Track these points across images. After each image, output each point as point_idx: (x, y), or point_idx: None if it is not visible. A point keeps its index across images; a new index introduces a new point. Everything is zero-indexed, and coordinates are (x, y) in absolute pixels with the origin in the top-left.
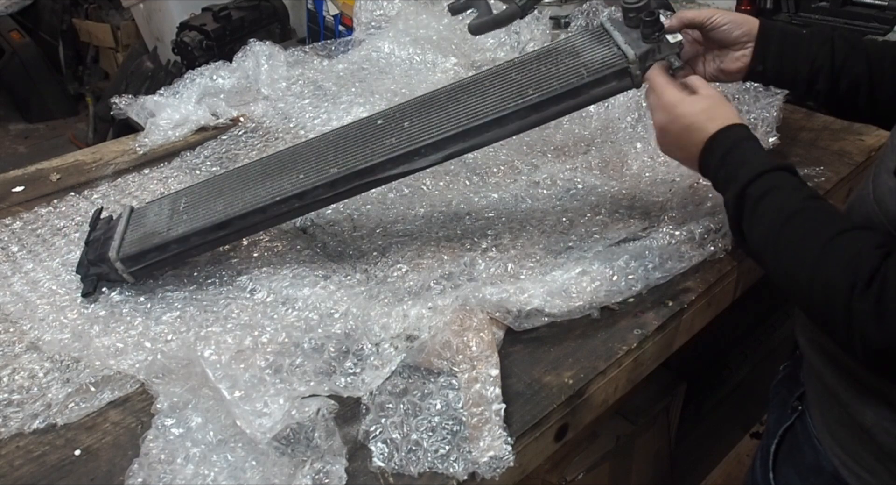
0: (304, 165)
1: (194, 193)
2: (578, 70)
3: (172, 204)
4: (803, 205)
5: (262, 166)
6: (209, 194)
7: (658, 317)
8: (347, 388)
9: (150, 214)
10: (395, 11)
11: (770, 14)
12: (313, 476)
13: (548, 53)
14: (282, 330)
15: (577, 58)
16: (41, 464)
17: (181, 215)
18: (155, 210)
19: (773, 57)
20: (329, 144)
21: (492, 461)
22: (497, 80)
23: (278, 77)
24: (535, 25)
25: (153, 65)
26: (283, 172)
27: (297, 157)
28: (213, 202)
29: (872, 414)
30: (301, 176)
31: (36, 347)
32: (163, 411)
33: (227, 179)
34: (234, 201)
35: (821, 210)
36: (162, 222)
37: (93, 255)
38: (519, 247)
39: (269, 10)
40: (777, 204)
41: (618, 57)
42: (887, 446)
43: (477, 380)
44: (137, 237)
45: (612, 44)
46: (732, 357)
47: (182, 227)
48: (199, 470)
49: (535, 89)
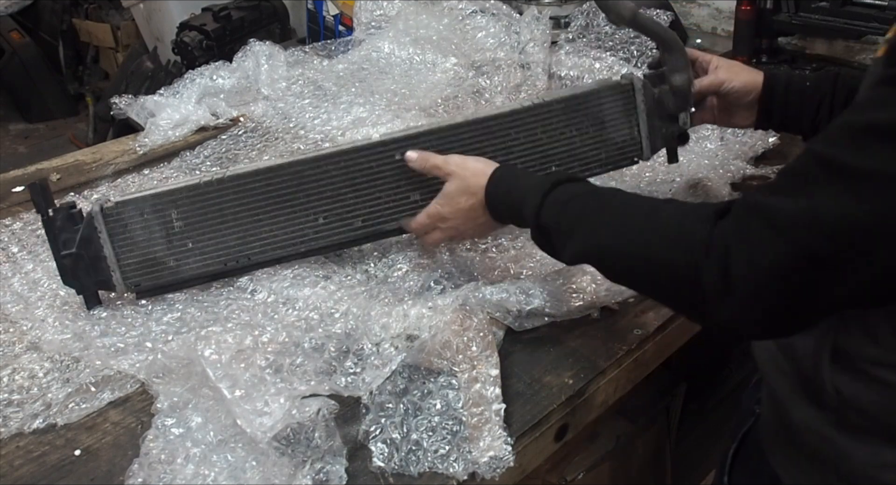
0: (321, 204)
1: (186, 206)
2: (598, 151)
3: (161, 216)
4: (601, 202)
5: (268, 190)
6: (209, 215)
7: (658, 317)
8: (348, 387)
9: (135, 226)
10: (395, 11)
11: (770, 14)
12: (313, 476)
13: (576, 108)
14: (282, 330)
15: (602, 130)
16: (41, 464)
17: (183, 241)
18: (138, 221)
19: (778, 113)
20: (347, 183)
21: (492, 461)
22: (521, 135)
23: (278, 77)
24: (536, 25)
25: (153, 65)
26: (299, 209)
27: (310, 189)
28: (221, 233)
29: (801, 412)
30: (321, 221)
31: (36, 347)
32: (163, 410)
33: (225, 194)
34: (247, 238)
35: (618, 198)
36: (157, 243)
37: (84, 270)
38: (518, 247)
39: (269, 10)
40: (577, 213)
41: (635, 149)
42: (815, 446)
43: (477, 380)
44: (138, 262)
45: (635, 126)
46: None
47: (192, 263)
48: (199, 470)
49: (557, 165)
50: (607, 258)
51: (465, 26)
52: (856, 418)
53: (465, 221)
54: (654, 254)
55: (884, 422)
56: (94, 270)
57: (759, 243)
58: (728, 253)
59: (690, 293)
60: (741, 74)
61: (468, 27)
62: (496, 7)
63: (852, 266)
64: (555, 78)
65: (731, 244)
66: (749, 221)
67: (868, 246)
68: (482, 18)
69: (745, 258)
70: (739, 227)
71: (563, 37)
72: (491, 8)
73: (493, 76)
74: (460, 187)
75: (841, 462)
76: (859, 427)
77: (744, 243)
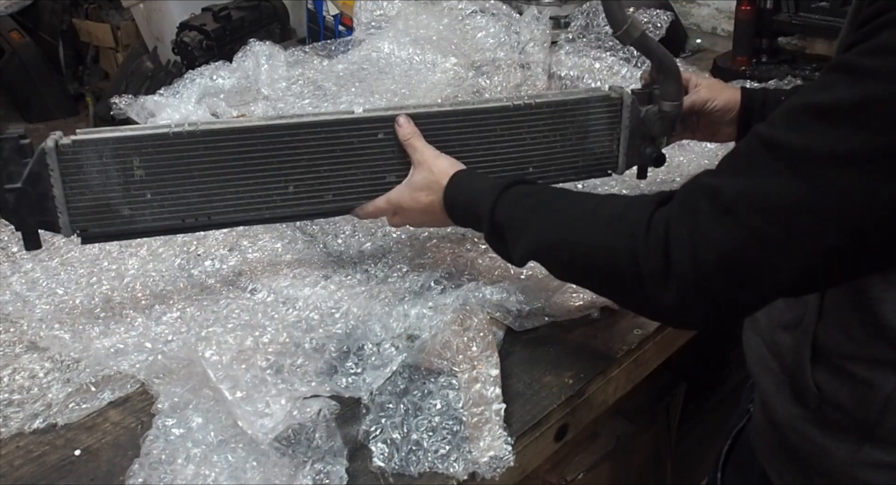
0: (293, 172)
1: (150, 155)
2: (576, 159)
3: (122, 162)
4: (549, 199)
5: (240, 151)
6: (174, 168)
7: None
8: (349, 388)
9: (91, 168)
10: (395, 11)
11: (770, 14)
12: (314, 477)
13: (563, 114)
14: (283, 330)
15: (584, 139)
16: (41, 464)
17: (142, 190)
18: (95, 164)
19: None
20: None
21: (492, 461)
22: (506, 132)
23: (278, 77)
24: (536, 25)
25: (153, 65)
26: (270, 174)
27: (285, 156)
28: (184, 188)
29: (784, 409)
30: (291, 189)
31: (36, 347)
32: (164, 411)
33: (195, 148)
34: (211, 196)
35: (567, 195)
36: (113, 189)
37: (28, 208)
38: None
39: (269, 10)
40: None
41: (611, 162)
42: (797, 443)
43: (477, 380)
44: (89, 207)
45: (615, 140)
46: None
47: (148, 215)
48: (199, 470)
49: (535, 167)
50: (553, 252)
51: (464, 26)
52: (834, 416)
53: (423, 214)
54: (595, 242)
55: (860, 418)
56: (39, 209)
57: (702, 222)
58: (668, 235)
59: (631, 279)
60: (723, 93)
61: (468, 27)
62: (496, 7)
63: (795, 246)
64: (555, 78)
65: (672, 226)
66: (693, 201)
67: (809, 226)
68: (482, 18)
69: (686, 238)
70: (682, 207)
71: (563, 37)
72: (491, 8)
73: (492, 76)
74: (423, 182)
75: (822, 460)
76: (838, 425)
77: (685, 224)
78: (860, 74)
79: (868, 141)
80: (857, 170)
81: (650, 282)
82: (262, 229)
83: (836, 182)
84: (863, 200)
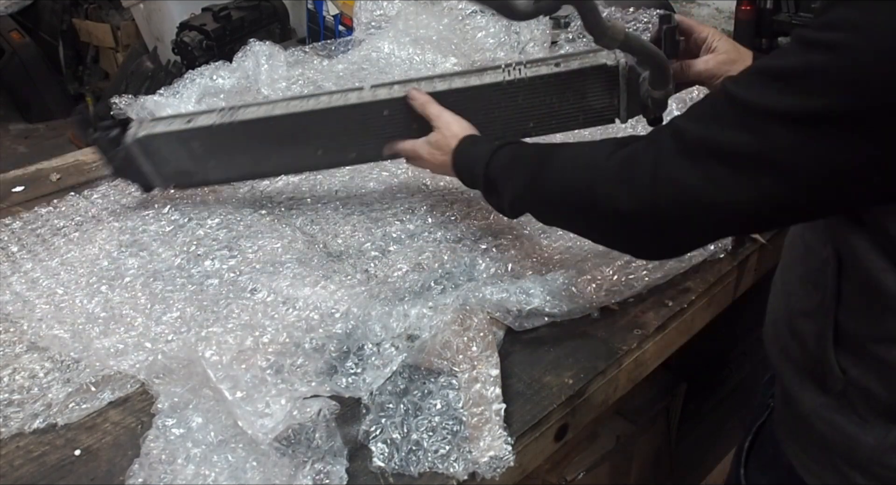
0: (319, 141)
1: (203, 140)
2: (577, 115)
3: (184, 145)
4: (537, 152)
5: (271, 132)
6: (223, 146)
7: (658, 317)
8: (349, 388)
9: (165, 150)
10: (395, 11)
11: (770, 14)
12: (314, 477)
13: (557, 81)
14: (283, 330)
15: (582, 99)
16: (41, 464)
17: (206, 160)
18: (166, 148)
19: None
20: (341, 129)
21: (492, 461)
22: (504, 100)
23: (278, 77)
24: (536, 25)
25: (153, 65)
26: (301, 144)
27: (310, 132)
28: (237, 155)
29: (809, 400)
30: (320, 153)
31: (36, 347)
32: (164, 411)
33: (236, 133)
34: (260, 160)
35: (551, 147)
36: (185, 161)
37: (132, 175)
38: (519, 247)
39: (269, 10)
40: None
41: (612, 112)
42: (824, 434)
43: (477, 380)
44: (173, 172)
45: (615, 97)
46: (732, 357)
47: (217, 173)
48: (199, 470)
49: (535, 123)
50: (534, 194)
51: (464, 26)
52: (861, 401)
53: (439, 167)
54: (566, 179)
55: (886, 402)
56: (138, 175)
57: (664, 157)
58: (632, 164)
59: (602, 212)
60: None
61: (468, 27)
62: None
63: (741, 190)
64: None
65: (639, 154)
66: (659, 137)
67: (754, 173)
68: (482, 18)
69: (648, 168)
70: (649, 142)
71: (563, 37)
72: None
73: None
74: (438, 142)
75: (851, 449)
76: (865, 410)
77: (650, 153)
78: (808, 44)
79: (808, 103)
80: (798, 128)
81: (612, 213)
82: (262, 229)
83: (780, 137)
84: (803, 156)
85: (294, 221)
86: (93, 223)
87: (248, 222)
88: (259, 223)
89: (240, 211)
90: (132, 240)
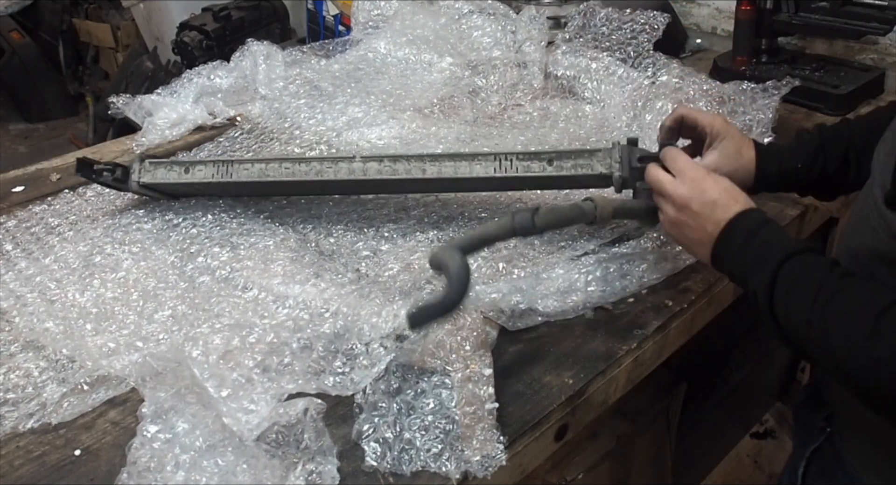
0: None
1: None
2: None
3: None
4: (842, 284)
5: (264, 189)
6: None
7: (658, 317)
8: (336, 386)
9: (166, 189)
10: (393, 11)
11: (770, 14)
12: (306, 477)
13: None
14: (270, 330)
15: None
16: (41, 464)
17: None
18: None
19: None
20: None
21: (484, 460)
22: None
23: (276, 77)
24: (533, 25)
25: (153, 65)
26: (289, 198)
27: (300, 190)
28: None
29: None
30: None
31: (31, 346)
32: (147, 416)
33: (229, 189)
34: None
35: (861, 287)
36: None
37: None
38: (511, 247)
39: (269, 10)
40: (815, 284)
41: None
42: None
43: (470, 379)
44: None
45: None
46: (732, 357)
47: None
48: (190, 476)
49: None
50: (826, 347)
51: (461, 26)
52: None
53: (702, 211)
54: (878, 350)
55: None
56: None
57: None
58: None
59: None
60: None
61: (465, 27)
62: (493, 7)
63: None
64: (551, 77)
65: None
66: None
67: None
68: (479, 18)
69: None
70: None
71: (560, 36)
72: (488, 8)
73: (489, 76)
74: (732, 193)
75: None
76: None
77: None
78: None
79: None
80: None
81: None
82: (255, 228)
83: None
84: None
85: (287, 219)
86: (87, 222)
87: (242, 220)
88: (252, 222)
89: (233, 209)
90: (126, 237)
